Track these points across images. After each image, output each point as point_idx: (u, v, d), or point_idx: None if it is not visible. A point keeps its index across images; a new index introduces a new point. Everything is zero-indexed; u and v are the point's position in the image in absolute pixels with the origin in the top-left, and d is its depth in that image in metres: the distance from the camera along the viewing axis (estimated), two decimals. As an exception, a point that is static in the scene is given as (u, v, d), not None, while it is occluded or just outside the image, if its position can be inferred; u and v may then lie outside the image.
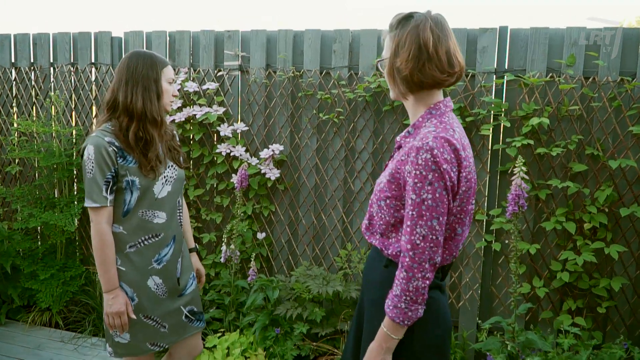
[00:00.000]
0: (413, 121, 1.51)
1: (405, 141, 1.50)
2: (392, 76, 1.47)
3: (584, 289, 2.79)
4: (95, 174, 1.90)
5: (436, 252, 1.37)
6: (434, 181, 1.35)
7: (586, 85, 2.73)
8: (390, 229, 1.49)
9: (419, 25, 1.42)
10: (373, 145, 3.07)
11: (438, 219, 1.36)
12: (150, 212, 2.02)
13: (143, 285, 2.03)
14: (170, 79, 2.04)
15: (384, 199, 1.47)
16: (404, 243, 1.39)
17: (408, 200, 1.38)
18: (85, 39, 3.55)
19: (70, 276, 3.45)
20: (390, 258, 1.49)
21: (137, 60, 1.98)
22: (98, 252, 1.93)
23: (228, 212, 3.37)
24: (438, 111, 1.47)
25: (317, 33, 3.10)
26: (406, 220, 1.39)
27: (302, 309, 2.79)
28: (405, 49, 1.42)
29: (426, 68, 1.42)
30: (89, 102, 3.57)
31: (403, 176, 1.41)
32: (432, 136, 1.37)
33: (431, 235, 1.36)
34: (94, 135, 1.94)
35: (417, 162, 1.36)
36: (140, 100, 1.95)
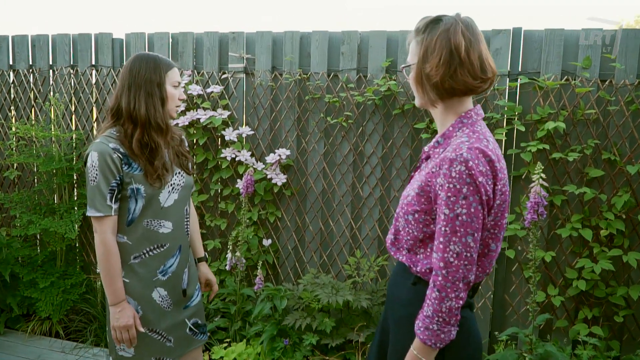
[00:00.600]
0: (442, 130, 1.43)
1: (435, 152, 1.42)
2: (421, 83, 1.39)
3: (600, 297, 2.71)
4: (99, 182, 1.82)
5: (470, 270, 1.29)
6: (468, 195, 1.27)
7: (603, 89, 2.66)
8: (419, 245, 1.41)
9: (449, 29, 1.34)
10: (382, 150, 2.99)
11: (473, 235, 1.28)
12: (156, 222, 1.93)
13: (148, 298, 1.95)
14: (175, 82, 1.94)
15: (412, 213, 1.39)
16: (436, 261, 1.31)
17: (440, 215, 1.30)
18: (85, 41, 3.46)
19: (70, 284, 3.36)
20: (419, 275, 1.41)
21: (140, 63, 1.89)
22: (103, 264, 1.85)
23: (233, 218, 3.28)
24: (469, 120, 1.39)
25: (324, 35, 3.02)
26: (438, 236, 1.31)
27: (311, 319, 2.70)
28: (435, 54, 1.34)
29: (458, 74, 1.34)
30: (90, 105, 3.48)
31: (434, 189, 1.33)
32: (465, 147, 1.29)
33: (465, 253, 1.28)
34: (98, 141, 1.86)
35: (450, 174, 1.28)
36: (144, 106, 1.86)
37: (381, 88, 2.86)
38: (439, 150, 1.40)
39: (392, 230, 1.52)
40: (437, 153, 1.41)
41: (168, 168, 1.94)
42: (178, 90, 1.97)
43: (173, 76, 1.93)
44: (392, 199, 3.00)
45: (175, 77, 1.94)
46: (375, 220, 3.04)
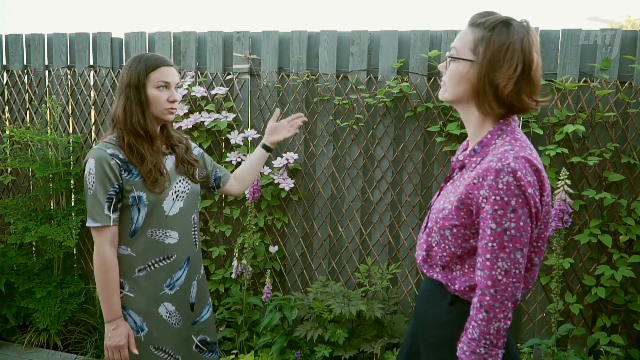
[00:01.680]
0: (479, 137, 1.33)
1: (471, 161, 1.32)
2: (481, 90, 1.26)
3: (619, 304, 2.64)
4: (97, 190, 1.71)
5: (519, 288, 1.21)
6: (517, 208, 1.18)
7: (622, 91, 2.59)
8: (455, 261, 1.32)
9: (524, 40, 1.24)
10: (394, 154, 2.90)
11: (522, 251, 1.19)
12: (161, 232, 1.82)
13: (154, 314, 1.83)
14: (160, 82, 1.77)
15: (450, 228, 1.30)
16: (482, 279, 1.22)
17: (486, 230, 1.21)
18: (82, 40, 3.33)
19: (68, 293, 3.24)
20: (457, 294, 1.32)
21: (128, 65, 1.79)
22: (99, 277, 1.74)
23: (238, 225, 3.18)
24: (509, 126, 1.30)
25: (333, 34, 2.92)
26: (483, 252, 1.22)
27: (322, 330, 2.61)
28: (507, 65, 1.23)
29: (522, 92, 1.25)
30: (88, 107, 3.36)
31: (476, 202, 1.24)
32: (511, 156, 1.20)
33: (514, 270, 1.19)
34: (96, 147, 1.75)
35: (497, 186, 1.18)
36: (121, 111, 1.77)
37: (393, 90, 2.76)
38: (476, 159, 1.31)
39: (422, 245, 1.42)
40: (473, 162, 1.31)
41: (162, 171, 1.82)
42: (167, 91, 1.80)
43: (157, 76, 1.77)
44: (404, 204, 2.91)
45: (161, 77, 1.78)
46: (386, 226, 2.95)
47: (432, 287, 1.39)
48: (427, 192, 2.88)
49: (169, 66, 1.82)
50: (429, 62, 2.79)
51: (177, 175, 1.87)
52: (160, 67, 1.79)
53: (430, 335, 1.38)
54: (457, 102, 1.35)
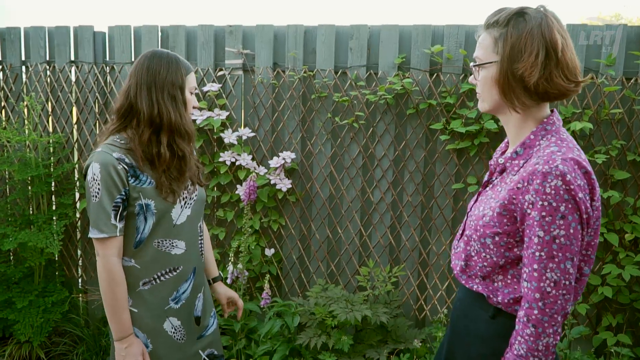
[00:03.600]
0: (521, 139, 1.25)
1: (513, 164, 1.24)
2: (508, 85, 1.20)
3: (624, 303, 2.61)
4: (102, 198, 1.57)
5: (569, 300, 1.13)
6: (567, 214, 1.10)
7: (628, 87, 2.55)
8: (497, 271, 1.23)
9: (542, 24, 1.17)
10: (394, 152, 2.81)
11: (572, 260, 1.11)
12: (168, 242, 1.69)
13: (159, 330, 1.71)
14: (193, 88, 1.74)
15: (491, 236, 1.21)
16: (529, 291, 1.13)
17: (532, 239, 1.13)
18: (63, 34, 3.14)
19: (51, 302, 3.05)
20: (500, 307, 1.23)
21: (160, 62, 1.65)
22: (108, 293, 1.60)
23: (232, 227, 3.04)
24: (553, 126, 1.22)
25: (331, 29, 2.80)
26: (530, 262, 1.13)
27: (326, 337, 2.50)
28: (528, 52, 1.16)
29: (553, 76, 1.16)
30: (69, 105, 3.17)
31: (521, 208, 1.15)
32: (559, 158, 1.12)
33: (564, 281, 1.11)
34: (100, 150, 1.60)
35: (544, 190, 1.10)
36: (172, 111, 1.64)
37: (395, 86, 2.67)
38: (519, 162, 1.23)
39: (460, 255, 1.33)
40: (516, 165, 1.23)
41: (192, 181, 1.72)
42: (194, 96, 1.76)
43: (191, 81, 1.72)
44: (405, 204, 2.82)
45: (193, 82, 1.74)
46: (387, 227, 2.86)
47: (472, 299, 1.30)
48: (429, 191, 2.80)
49: (193, 71, 1.78)
50: (431, 57, 2.70)
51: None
52: (192, 72, 1.74)
53: (469, 350, 1.30)
54: (496, 108, 1.28)
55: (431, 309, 2.87)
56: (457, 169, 2.75)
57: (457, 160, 2.73)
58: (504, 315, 1.24)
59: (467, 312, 1.32)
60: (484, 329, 1.26)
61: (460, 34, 2.67)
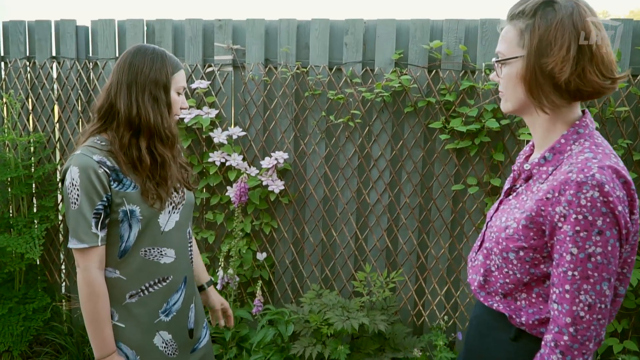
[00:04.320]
0: (549, 143, 1.14)
1: (541, 170, 1.12)
2: (535, 82, 1.08)
3: (630, 308, 2.52)
4: (82, 205, 1.44)
5: (603, 326, 1.01)
6: (605, 229, 0.98)
7: (634, 84, 2.45)
8: (520, 289, 1.12)
9: (573, 14, 1.05)
10: (392, 152, 2.69)
11: (609, 281, 1.00)
12: (156, 250, 1.57)
13: (148, 345, 1.58)
14: (181, 87, 1.59)
15: (515, 251, 1.09)
16: (559, 315, 1.02)
17: (564, 256, 1.01)
18: (44, 29, 2.99)
19: (32, 309, 2.91)
20: (524, 328, 1.12)
21: (144, 58, 1.52)
22: (88, 308, 1.48)
23: (221, 230, 2.92)
24: (586, 129, 1.10)
25: (325, 23, 2.68)
26: (561, 282, 1.02)
27: (321, 346, 2.39)
28: (559, 45, 1.04)
29: (587, 72, 1.05)
30: (51, 103, 3.02)
31: (550, 221, 1.04)
32: (596, 166, 1.00)
33: (600, 304, 1.00)
34: (79, 153, 1.47)
35: (578, 202, 0.99)
36: (151, 113, 1.51)
37: (392, 83, 2.55)
38: (547, 169, 1.11)
39: (478, 269, 1.21)
40: (544, 172, 1.11)
41: (176, 187, 1.59)
42: (181, 97, 1.61)
43: (179, 80, 1.58)
44: (403, 206, 2.71)
45: (182, 81, 1.60)
46: (384, 229, 2.74)
47: (491, 318, 1.19)
48: (427, 193, 2.69)
49: (183, 69, 1.63)
50: (430, 53, 2.59)
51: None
52: (181, 70, 1.60)
53: None
54: (521, 108, 1.16)
55: (430, 314, 2.76)
56: (456, 169, 2.64)
57: (457, 160, 2.63)
58: (527, 338, 1.12)
59: (485, 332, 1.21)
60: (504, 352, 1.15)
61: (460, 29, 2.56)
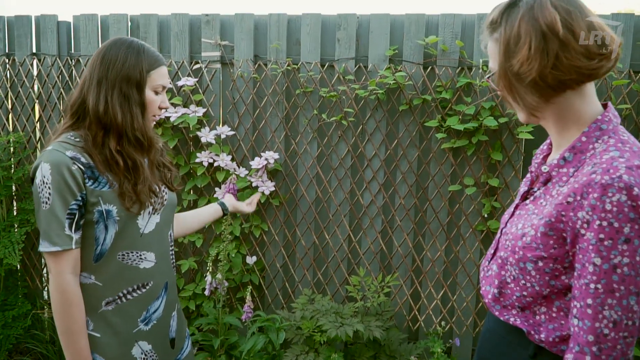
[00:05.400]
0: (566, 141, 1.05)
1: (561, 172, 1.03)
2: (513, 88, 1.01)
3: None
4: (54, 205, 1.33)
5: (631, 344, 0.92)
6: (633, 237, 0.88)
7: (636, 81, 2.38)
8: (540, 302, 1.02)
9: (534, 6, 0.97)
10: (386, 151, 2.60)
11: (637, 295, 0.90)
12: (134, 254, 1.46)
13: (126, 357, 1.48)
14: (159, 86, 1.47)
15: (533, 261, 1.00)
16: (581, 332, 0.93)
17: (587, 266, 0.92)
18: (23, 24, 2.87)
19: (12, 317, 2.79)
20: (544, 345, 1.02)
21: (117, 52, 1.41)
22: (61, 316, 1.37)
23: (210, 233, 2.81)
24: (610, 124, 1.01)
25: (316, 18, 2.59)
26: (583, 296, 0.92)
27: (314, 354, 2.29)
28: (520, 44, 0.97)
29: (562, 59, 0.96)
30: (31, 101, 2.90)
31: (572, 227, 0.94)
32: (623, 166, 0.91)
33: (626, 321, 0.90)
34: (50, 149, 1.36)
35: (603, 207, 0.89)
36: (119, 112, 1.39)
37: (387, 80, 2.46)
38: (568, 171, 1.01)
39: (492, 280, 1.11)
40: (564, 174, 1.02)
41: (155, 191, 1.48)
42: (160, 96, 1.49)
43: (157, 78, 1.46)
44: (397, 207, 2.62)
45: (161, 79, 1.47)
46: (378, 232, 2.65)
47: (506, 333, 1.09)
48: (423, 193, 2.60)
49: (165, 65, 1.50)
50: (425, 49, 2.50)
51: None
52: (161, 67, 1.47)
53: None
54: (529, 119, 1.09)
55: (425, 319, 2.67)
56: (453, 169, 2.55)
57: (453, 160, 2.54)
58: (547, 356, 1.03)
59: (500, 348, 1.11)
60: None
61: (456, 23, 2.47)
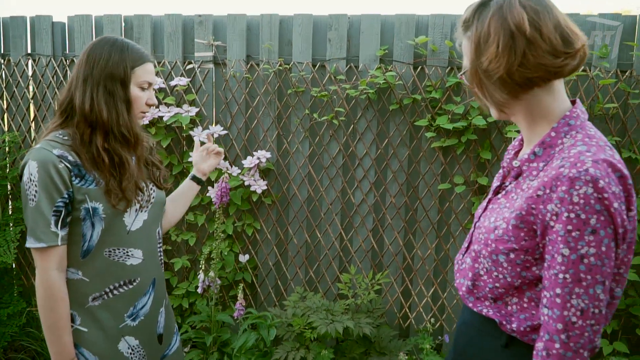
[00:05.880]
0: (536, 137, 1.08)
1: (531, 167, 1.06)
2: (482, 85, 1.04)
3: (620, 309, 2.47)
4: (40, 202, 1.35)
5: (598, 332, 0.95)
6: (599, 228, 0.92)
7: (623, 80, 2.40)
8: (512, 293, 1.05)
9: (503, 6, 1.01)
10: (377, 150, 2.63)
11: (603, 284, 0.93)
12: (121, 251, 1.49)
13: (113, 352, 1.50)
14: (144, 82, 1.48)
15: (505, 253, 1.03)
16: (550, 320, 0.96)
17: (555, 257, 0.95)
18: (18, 25, 2.90)
19: (7, 315, 2.82)
20: (515, 335, 1.05)
21: (102, 50, 1.44)
22: (46, 312, 1.39)
23: (203, 232, 2.84)
24: (577, 120, 1.04)
25: (308, 18, 2.62)
26: (552, 286, 0.95)
27: (305, 351, 2.31)
28: (489, 42, 1.00)
29: (529, 57, 0.99)
30: (26, 101, 2.93)
31: (542, 220, 0.97)
32: (589, 160, 0.94)
33: (593, 309, 0.93)
34: (38, 147, 1.39)
35: (571, 199, 0.92)
36: (105, 109, 1.42)
37: (377, 80, 2.49)
38: (538, 165, 1.04)
39: (465, 272, 1.15)
40: (534, 168, 1.05)
41: (142, 188, 1.51)
42: (147, 92, 1.51)
43: (142, 75, 1.48)
44: (388, 205, 2.65)
45: (146, 75, 1.49)
46: (369, 230, 2.68)
47: (480, 324, 1.12)
48: (413, 192, 2.63)
49: (151, 62, 1.52)
50: (416, 49, 2.53)
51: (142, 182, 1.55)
52: (146, 63, 1.49)
53: None
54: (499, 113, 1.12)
55: (416, 317, 2.69)
56: (443, 168, 2.58)
57: (443, 158, 2.57)
58: (518, 345, 1.06)
59: (474, 339, 1.14)
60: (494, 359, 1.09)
61: (446, 24, 2.50)
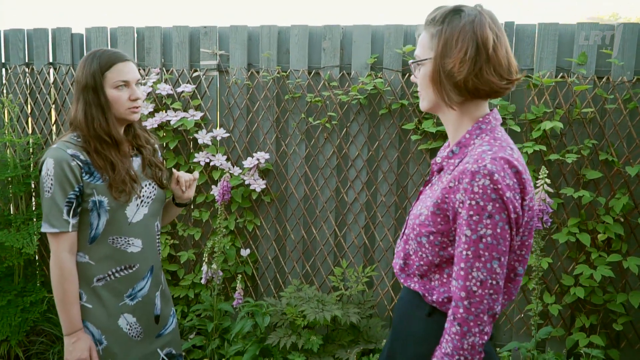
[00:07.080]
0: (457, 138, 1.25)
1: (450, 163, 1.24)
2: (439, 81, 1.20)
3: (597, 304, 2.59)
4: (55, 193, 1.59)
5: (497, 300, 1.12)
6: (494, 213, 1.09)
7: (599, 86, 2.53)
8: (433, 270, 1.23)
9: (475, 21, 1.17)
10: (368, 152, 2.81)
11: (499, 260, 1.11)
12: (123, 239, 1.71)
13: (113, 326, 1.72)
14: (117, 82, 1.65)
15: (426, 235, 1.21)
16: (456, 290, 1.14)
17: (461, 237, 1.13)
18: (41, 37, 3.16)
19: (30, 302, 3.07)
20: (435, 305, 1.23)
21: (82, 67, 1.67)
22: (57, 288, 1.63)
23: (207, 227, 3.05)
24: (488, 125, 1.22)
25: (304, 29, 2.81)
26: (458, 261, 1.13)
27: (296, 336, 2.51)
28: (459, 48, 1.16)
29: (484, 72, 1.16)
30: (47, 106, 3.19)
31: (453, 207, 1.15)
32: (489, 157, 1.12)
33: (491, 280, 1.11)
34: (55, 146, 1.63)
35: (472, 189, 1.10)
36: (82, 117, 1.65)
37: (367, 86, 2.66)
38: (455, 161, 1.22)
39: (400, 254, 1.33)
40: (452, 164, 1.23)
41: (135, 179, 1.72)
42: (127, 89, 1.68)
43: (114, 75, 1.65)
44: (379, 204, 2.82)
45: (118, 75, 1.66)
46: (361, 227, 2.86)
47: (410, 298, 1.31)
48: (402, 191, 2.80)
49: (125, 61, 1.69)
50: (403, 57, 2.70)
51: (143, 178, 1.77)
52: (116, 64, 1.66)
53: (409, 350, 1.29)
54: (434, 106, 1.28)
55: (406, 309, 2.86)
56: (429, 169, 2.74)
57: (430, 160, 2.73)
58: (438, 314, 1.23)
59: (406, 311, 1.32)
60: (420, 328, 1.26)
61: (432, 33, 2.66)
